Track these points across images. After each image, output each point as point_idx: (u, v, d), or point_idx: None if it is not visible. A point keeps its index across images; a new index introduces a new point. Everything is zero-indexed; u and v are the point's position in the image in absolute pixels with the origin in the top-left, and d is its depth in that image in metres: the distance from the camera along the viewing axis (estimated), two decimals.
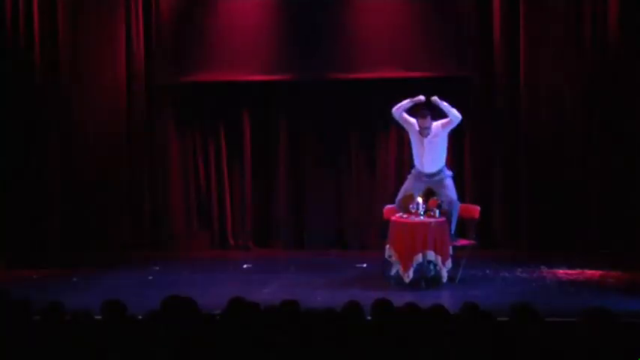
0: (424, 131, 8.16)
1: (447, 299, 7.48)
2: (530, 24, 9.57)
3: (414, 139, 8.30)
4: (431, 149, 8.18)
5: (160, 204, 10.39)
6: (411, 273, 7.88)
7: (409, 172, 8.47)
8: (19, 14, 9.87)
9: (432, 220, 7.99)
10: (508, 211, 9.84)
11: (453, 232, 8.16)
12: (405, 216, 8.11)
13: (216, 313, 4.61)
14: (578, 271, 8.53)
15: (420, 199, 8.10)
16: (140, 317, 4.59)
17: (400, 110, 8.27)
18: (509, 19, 9.65)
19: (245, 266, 9.33)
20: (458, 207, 8.25)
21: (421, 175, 8.28)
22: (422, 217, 8.02)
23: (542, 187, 9.67)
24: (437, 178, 8.23)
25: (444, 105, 8.12)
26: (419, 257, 7.88)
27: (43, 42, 9.93)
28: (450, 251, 8.06)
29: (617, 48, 9.31)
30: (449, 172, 8.32)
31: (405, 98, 8.29)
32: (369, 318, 4.63)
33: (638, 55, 9.20)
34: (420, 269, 7.98)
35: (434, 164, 8.21)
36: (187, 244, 10.37)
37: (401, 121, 8.36)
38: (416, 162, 8.33)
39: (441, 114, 8.21)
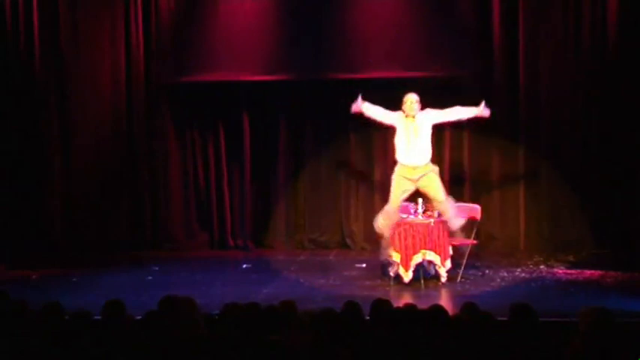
0: (411, 108, 7.99)
1: (446, 299, 7.49)
2: (529, 24, 9.57)
3: (401, 130, 8.04)
4: (421, 138, 7.99)
5: (159, 204, 10.39)
6: (410, 273, 7.89)
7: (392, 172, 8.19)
8: (19, 14, 9.87)
9: (431, 220, 8.00)
10: (508, 211, 9.83)
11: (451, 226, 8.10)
12: (404, 216, 8.11)
13: (215, 313, 4.61)
14: (577, 271, 8.53)
15: (419, 200, 8.10)
16: (139, 317, 4.59)
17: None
18: (509, 19, 9.64)
19: (244, 266, 9.33)
20: (450, 202, 8.10)
21: (406, 171, 8.00)
22: (421, 217, 8.02)
23: (541, 187, 9.67)
24: (424, 173, 7.99)
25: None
26: (418, 257, 7.89)
27: (42, 42, 9.93)
28: (450, 251, 8.07)
29: (617, 48, 9.30)
30: (434, 167, 8.15)
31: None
32: (368, 318, 4.63)
33: (638, 55, 9.20)
34: (420, 269, 7.98)
35: (423, 155, 8.01)
36: (187, 244, 10.38)
37: (378, 118, 8.26)
38: (401, 156, 8.05)
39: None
